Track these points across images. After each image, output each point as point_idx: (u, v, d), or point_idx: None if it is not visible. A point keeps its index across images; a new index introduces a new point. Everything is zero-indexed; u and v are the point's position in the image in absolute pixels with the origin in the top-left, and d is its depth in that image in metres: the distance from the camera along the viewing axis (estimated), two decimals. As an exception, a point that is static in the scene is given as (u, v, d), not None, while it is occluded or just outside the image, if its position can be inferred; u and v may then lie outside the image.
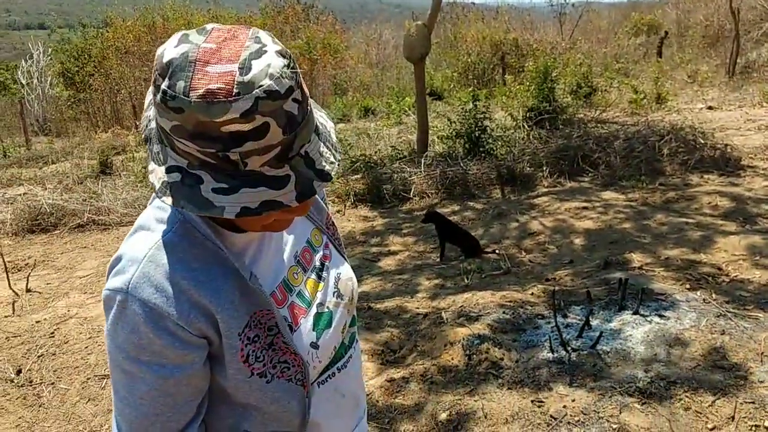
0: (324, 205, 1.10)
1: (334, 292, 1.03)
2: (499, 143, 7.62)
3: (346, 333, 1.06)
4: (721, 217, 4.96)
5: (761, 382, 2.66)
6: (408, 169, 7.21)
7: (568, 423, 2.52)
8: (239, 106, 0.71)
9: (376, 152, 8.25)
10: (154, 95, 0.75)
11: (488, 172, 6.85)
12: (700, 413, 2.51)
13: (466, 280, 4.27)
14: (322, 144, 0.82)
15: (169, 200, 0.78)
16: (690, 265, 3.98)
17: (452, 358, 3.10)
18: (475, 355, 3.07)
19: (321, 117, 0.86)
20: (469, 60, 14.81)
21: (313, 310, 0.99)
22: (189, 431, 0.91)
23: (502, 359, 3.05)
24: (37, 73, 17.44)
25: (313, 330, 0.97)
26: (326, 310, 1.01)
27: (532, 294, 3.80)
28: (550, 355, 3.03)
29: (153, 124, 0.81)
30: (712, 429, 2.42)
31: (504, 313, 3.50)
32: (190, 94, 0.71)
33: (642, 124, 7.77)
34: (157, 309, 0.83)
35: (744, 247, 4.19)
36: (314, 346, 0.97)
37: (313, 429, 1.02)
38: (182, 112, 0.72)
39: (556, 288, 3.75)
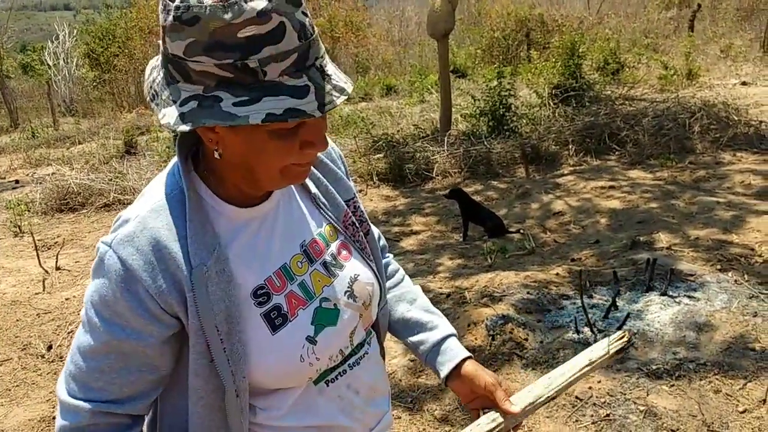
0: (343, 204, 1.04)
1: (346, 292, 0.98)
2: (524, 121, 7.49)
3: (357, 335, 1.01)
4: (754, 197, 4.82)
5: (795, 365, 2.59)
6: (431, 147, 7.13)
7: (594, 405, 2.49)
8: (255, 4, 0.71)
9: (398, 131, 8.18)
10: (163, 26, 0.76)
11: (512, 150, 6.75)
12: (731, 396, 2.46)
13: (489, 260, 4.23)
14: (334, 67, 0.82)
15: (187, 126, 0.76)
16: (720, 246, 3.88)
17: (476, 339, 3.08)
18: (498, 336, 3.05)
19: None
20: (494, 36, 14.54)
21: (315, 303, 0.94)
22: (128, 405, 0.89)
23: (526, 339, 3.02)
24: (63, 54, 17.64)
25: (312, 324, 0.93)
26: (333, 307, 0.96)
27: (557, 274, 3.75)
28: (575, 335, 2.99)
29: (158, 77, 0.82)
30: (742, 412, 2.37)
31: (528, 293, 3.46)
32: (205, 0, 0.72)
33: (672, 100, 7.55)
34: (132, 271, 0.82)
35: (778, 227, 4.06)
36: (310, 340, 0.92)
37: None
38: (197, 22, 0.73)
39: (582, 269, 3.69)
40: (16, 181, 8.46)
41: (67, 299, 4.06)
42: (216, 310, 0.84)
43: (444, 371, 1.07)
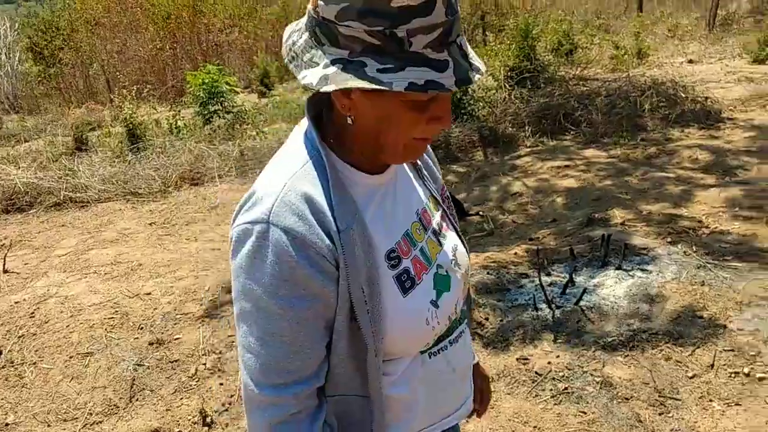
0: (440, 177, 1.11)
1: (452, 260, 1.02)
2: (481, 104, 7.53)
3: (459, 305, 1.05)
4: (701, 171, 4.98)
5: (740, 330, 2.70)
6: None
7: (553, 379, 2.55)
8: None
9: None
10: None
11: (470, 134, 6.79)
12: (681, 363, 2.55)
13: (449, 243, 4.26)
14: (470, 47, 0.84)
15: (330, 87, 0.78)
16: (671, 219, 4.00)
17: (437, 321, 3.10)
18: (459, 317, 3.08)
19: None
20: (449, 21, 14.53)
21: (433, 269, 0.98)
22: (322, 375, 0.91)
23: (486, 319, 3.06)
24: (5, 49, 16.87)
25: (433, 288, 0.97)
26: (446, 273, 1.00)
27: (516, 254, 3.81)
28: (534, 313, 3.05)
29: (299, 41, 0.84)
30: (692, 377, 2.46)
31: (488, 274, 3.51)
32: None
33: (623, 80, 7.70)
34: (301, 237, 0.82)
35: (723, 200, 4.21)
36: (434, 304, 0.96)
37: (406, 407, 0.99)
38: None
39: (540, 247, 3.75)
40: (-40, 183, 8.08)
41: (16, 303, 3.91)
42: (360, 269, 0.87)
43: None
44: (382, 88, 0.76)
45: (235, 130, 7.81)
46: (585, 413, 2.33)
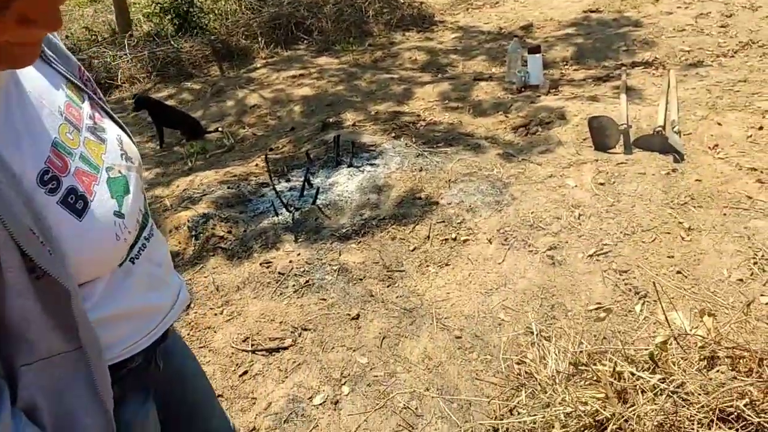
0: (71, 55, 0.90)
1: (122, 155, 0.88)
2: (211, 17, 7.12)
3: (142, 202, 0.94)
4: (419, 70, 5.48)
5: (448, 204, 3.13)
6: (110, 53, 6.34)
7: (295, 275, 2.68)
8: None
9: (67, 36, 7.04)
10: None
11: (203, 48, 6.41)
12: (404, 239, 2.88)
13: (189, 164, 4.07)
14: None
15: None
16: (395, 116, 4.37)
17: (179, 242, 3.00)
18: (201, 234, 3.01)
19: None
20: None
21: (103, 174, 0.83)
22: None
23: (229, 232, 3.05)
24: None
25: (112, 197, 0.82)
26: (119, 174, 0.86)
27: (256, 165, 3.81)
28: (275, 218, 3.12)
29: None
30: (413, 250, 2.81)
31: (228, 188, 3.46)
32: None
33: (349, -13, 7.92)
34: None
35: (436, 94, 4.72)
36: (118, 215, 0.83)
37: (123, 324, 0.89)
38: None
39: (271, 156, 3.80)
40: None
41: None
42: (17, 211, 0.68)
43: None
44: None
45: None
46: (325, 300, 2.51)
